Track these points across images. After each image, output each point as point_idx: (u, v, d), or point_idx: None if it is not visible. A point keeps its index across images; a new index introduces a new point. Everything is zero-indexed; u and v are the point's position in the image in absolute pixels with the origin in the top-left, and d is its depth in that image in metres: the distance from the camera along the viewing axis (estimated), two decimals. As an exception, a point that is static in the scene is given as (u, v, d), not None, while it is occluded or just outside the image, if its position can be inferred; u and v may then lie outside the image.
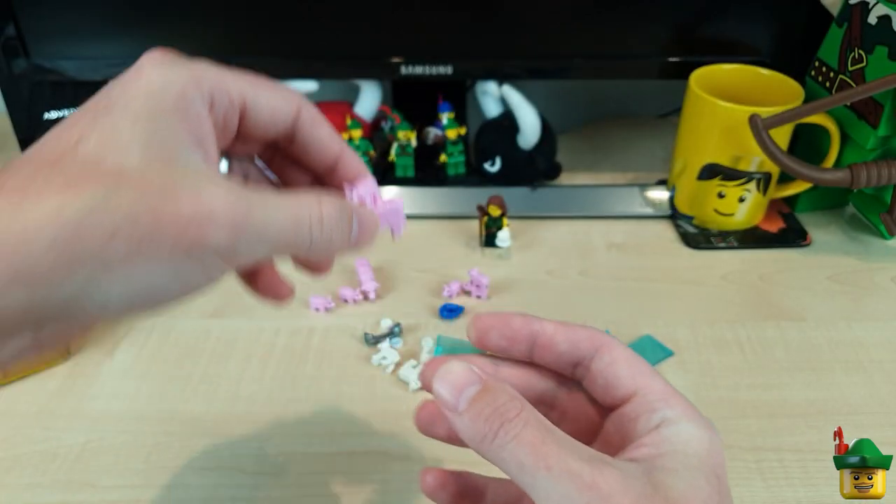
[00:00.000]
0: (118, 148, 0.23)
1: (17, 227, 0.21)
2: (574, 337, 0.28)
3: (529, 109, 0.62)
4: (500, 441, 0.24)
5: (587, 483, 0.23)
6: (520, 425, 0.24)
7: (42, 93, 0.67)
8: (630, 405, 0.27)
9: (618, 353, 0.27)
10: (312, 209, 0.27)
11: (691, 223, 0.63)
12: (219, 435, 0.44)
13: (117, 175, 0.22)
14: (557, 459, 0.23)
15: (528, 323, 0.29)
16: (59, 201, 0.21)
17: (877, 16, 0.54)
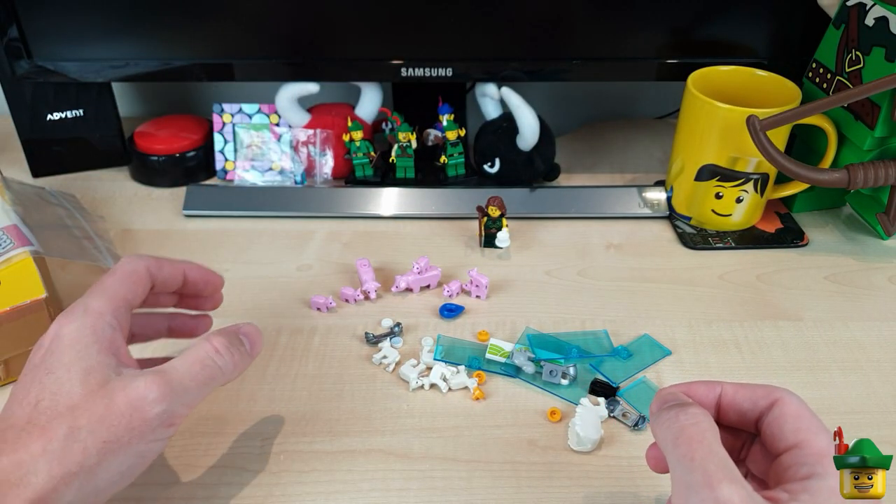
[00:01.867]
0: (65, 394, 0.34)
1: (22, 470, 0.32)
2: (753, 395, 0.33)
3: (528, 111, 0.62)
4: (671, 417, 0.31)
5: (713, 485, 0.27)
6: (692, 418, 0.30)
7: (44, 94, 0.67)
8: (787, 455, 0.30)
9: (787, 408, 0.31)
10: (207, 348, 0.37)
11: (689, 223, 0.64)
12: (220, 434, 0.44)
13: (71, 411, 0.33)
14: (702, 458, 0.29)
15: (710, 389, 0.34)
16: (42, 444, 0.32)
17: (874, 17, 0.55)
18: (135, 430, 0.34)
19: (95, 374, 0.34)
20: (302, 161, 0.68)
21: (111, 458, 0.33)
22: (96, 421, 0.33)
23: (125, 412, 0.34)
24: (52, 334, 0.36)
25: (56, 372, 0.34)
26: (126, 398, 0.34)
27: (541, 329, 0.52)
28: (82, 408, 0.33)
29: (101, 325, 0.36)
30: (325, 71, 0.65)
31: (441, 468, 0.42)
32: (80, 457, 0.33)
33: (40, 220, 0.55)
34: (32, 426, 0.33)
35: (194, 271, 0.42)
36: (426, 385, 0.48)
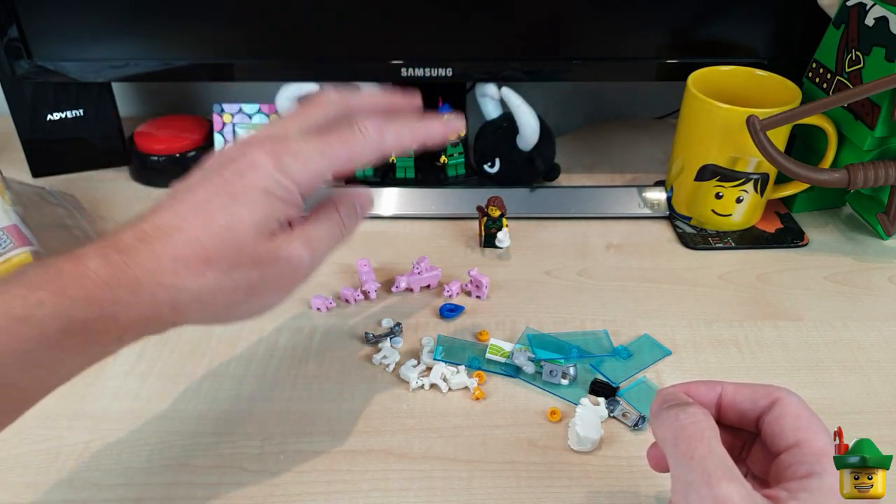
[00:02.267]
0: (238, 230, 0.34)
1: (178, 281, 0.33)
2: (753, 395, 0.33)
3: (528, 111, 0.62)
4: (671, 416, 0.31)
5: (712, 483, 0.28)
6: (692, 417, 0.31)
7: (45, 94, 0.67)
8: (787, 454, 0.31)
9: (787, 407, 0.32)
10: (336, 218, 0.41)
11: (689, 223, 0.64)
12: (221, 434, 0.44)
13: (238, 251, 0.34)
14: (702, 457, 0.29)
15: (710, 388, 0.34)
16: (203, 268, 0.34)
17: (874, 17, 0.55)
18: (280, 284, 0.37)
19: (269, 225, 0.36)
20: (302, 161, 0.68)
21: (252, 300, 0.36)
22: (255, 267, 0.35)
23: (281, 267, 0.36)
24: (250, 162, 0.36)
25: (240, 203, 0.35)
26: (287, 258, 0.36)
27: (541, 329, 0.52)
28: (247, 252, 0.35)
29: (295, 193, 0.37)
30: (325, 71, 0.65)
31: (441, 468, 0.42)
32: (229, 294, 0.35)
33: (40, 220, 0.55)
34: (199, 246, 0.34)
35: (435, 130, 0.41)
36: (426, 385, 0.48)
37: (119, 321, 0.32)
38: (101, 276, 0.32)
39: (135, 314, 0.33)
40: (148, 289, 0.33)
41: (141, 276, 0.32)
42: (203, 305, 0.34)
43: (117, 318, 0.32)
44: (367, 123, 0.38)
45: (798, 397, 0.32)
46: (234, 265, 0.34)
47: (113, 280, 0.32)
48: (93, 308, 0.31)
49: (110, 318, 0.32)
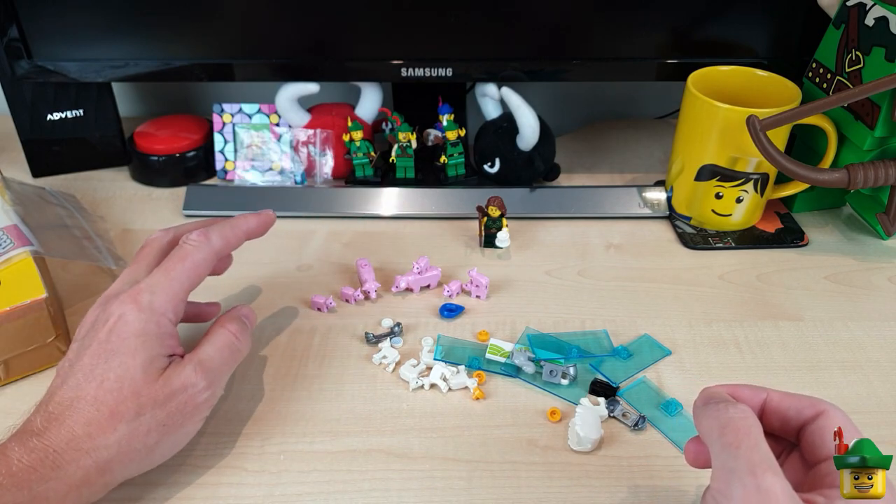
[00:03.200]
0: (129, 379, 0.38)
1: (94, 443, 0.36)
2: (798, 404, 0.34)
3: (528, 111, 0.62)
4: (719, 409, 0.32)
5: (757, 473, 0.28)
6: (741, 412, 0.31)
7: (45, 94, 0.67)
8: (826, 463, 0.31)
9: (832, 420, 0.32)
10: (228, 335, 0.43)
11: (689, 223, 0.64)
12: (221, 433, 0.44)
13: (136, 396, 0.37)
14: (748, 448, 0.29)
15: (756, 393, 0.35)
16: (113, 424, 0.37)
17: (874, 17, 0.55)
18: (187, 413, 0.39)
19: (155, 364, 0.39)
20: (302, 161, 0.68)
21: (167, 438, 0.39)
22: (158, 406, 0.38)
23: (181, 398, 0.39)
24: (117, 315, 0.39)
25: (120, 355, 0.38)
26: (181, 386, 0.39)
27: (541, 329, 0.52)
28: (145, 394, 0.38)
29: (164, 321, 0.40)
30: (325, 71, 0.65)
31: (441, 468, 0.42)
32: (144, 438, 0.37)
33: (40, 220, 0.55)
34: (101, 404, 0.37)
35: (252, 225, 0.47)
36: (426, 385, 0.48)
37: (50, 499, 0.34)
38: (24, 461, 0.34)
39: (64, 486, 0.35)
40: (70, 459, 0.35)
41: (60, 451, 0.35)
42: (125, 456, 0.37)
43: (48, 495, 0.34)
44: (191, 236, 0.43)
45: (843, 412, 0.33)
46: (138, 411, 0.37)
47: (36, 462, 0.34)
48: (23, 492, 0.34)
49: (41, 498, 0.34)
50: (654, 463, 0.43)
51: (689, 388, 0.48)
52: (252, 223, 0.47)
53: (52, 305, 0.47)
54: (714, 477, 0.31)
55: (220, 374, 0.42)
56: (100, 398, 0.37)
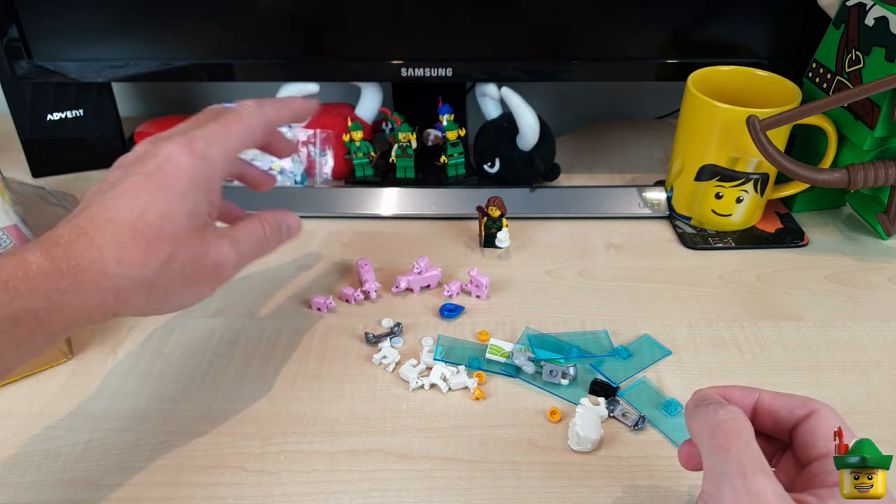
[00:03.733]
0: (172, 220, 0.36)
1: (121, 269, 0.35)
2: (790, 404, 0.33)
3: (528, 111, 0.62)
4: (709, 411, 0.31)
5: (747, 475, 0.28)
6: (731, 413, 0.31)
7: (45, 94, 0.67)
8: (818, 463, 0.31)
9: (824, 419, 0.32)
10: (262, 231, 0.43)
11: (689, 223, 0.64)
12: (221, 434, 0.44)
13: (174, 240, 0.36)
14: (738, 450, 0.29)
15: (748, 394, 0.34)
16: (144, 257, 0.35)
17: (874, 17, 0.55)
18: (209, 280, 0.39)
19: (199, 218, 0.38)
20: (302, 161, 0.68)
21: (185, 290, 0.38)
22: (189, 261, 0.37)
23: (210, 265, 0.38)
24: (168, 153, 0.37)
25: (169, 193, 0.36)
26: (216, 254, 0.39)
27: (541, 329, 0.52)
28: (183, 243, 0.37)
29: (214, 176, 0.39)
30: (325, 71, 0.65)
31: (441, 468, 0.42)
32: (167, 282, 0.37)
33: (40, 220, 0.55)
34: (138, 234, 0.35)
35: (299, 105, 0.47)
36: (426, 385, 0.48)
37: (64, 311, 0.33)
38: (43, 268, 0.33)
39: (80, 302, 0.34)
40: (91, 278, 0.34)
41: (84, 266, 0.34)
42: (145, 293, 0.36)
43: (62, 307, 0.33)
44: (246, 102, 0.42)
45: (835, 411, 0.33)
46: (172, 255, 0.36)
47: (56, 271, 0.33)
48: (38, 298, 0.32)
49: (56, 308, 0.33)
50: (654, 463, 0.43)
51: (689, 388, 0.48)
52: (300, 105, 0.47)
53: (52, 305, 0.47)
54: (705, 480, 0.31)
55: (245, 261, 0.41)
56: (139, 228, 0.35)
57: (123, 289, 0.35)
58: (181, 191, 0.37)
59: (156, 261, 0.36)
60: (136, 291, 0.36)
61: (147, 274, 0.35)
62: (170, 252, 0.36)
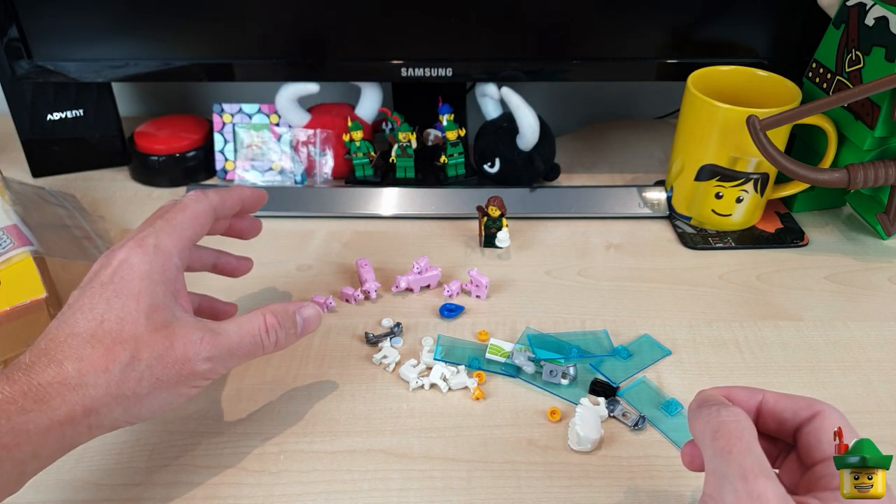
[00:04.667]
0: (131, 322, 0.36)
1: (83, 379, 0.34)
2: (794, 405, 0.33)
3: (528, 111, 0.62)
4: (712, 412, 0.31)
5: (749, 478, 0.28)
6: (733, 415, 0.31)
7: (45, 94, 0.67)
8: (822, 465, 0.31)
9: (828, 421, 0.32)
10: (259, 324, 0.40)
11: (689, 223, 0.64)
12: (221, 433, 0.45)
13: (135, 341, 0.36)
14: (740, 452, 0.29)
15: (751, 395, 0.34)
16: (105, 363, 0.35)
17: (874, 17, 0.55)
18: (182, 376, 0.37)
19: (160, 313, 0.37)
20: (302, 161, 0.68)
21: (158, 392, 0.36)
22: (155, 358, 0.36)
23: (179, 359, 0.37)
24: (121, 259, 0.38)
25: (123, 297, 0.37)
26: (183, 347, 0.37)
27: (541, 329, 0.52)
28: (145, 342, 0.36)
29: (170, 265, 0.39)
30: (325, 71, 0.65)
31: (441, 468, 0.42)
32: (135, 385, 0.36)
33: (40, 220, 0.55)
34: (97, 342, 0.35)
35: (247, 193, 0.47)
36: (426, 385, 0.48)
37: (31, 433, 0.33)
38: (5, 392, 0.33)
39: (46, 421, 0.33)
40: (55, 393, 0.34)
41: (45, 384, 0.34)
42: (113, 399, 0.35)
43: (28, 428, 0.33)
44: (191, 194, 0.43)
45: (839, 413, 0.32)
46: (135, 355, 0.36)
47: (18, 394, 0.33)
48: (0, 422, 0.32)
49: (21, 431, 0.32)
50: (654, 463, 0.43)
51: (689, 388, 0.48)
52: (247, 192, 0.47)
53: (52, 305, 0.47)
54: (707, 482, 0.31)
55: (231, 356, 0.39)
56: (98, 336, 0.35)
57: (91, 398, 0.34)
58: (136, 290, 0.37)
59: (117, 364, 0.35)
60: (104, 400, 0.35)
61: (111, 379, 0.35)
62: (132, 352, 0.36)
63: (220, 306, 0.49)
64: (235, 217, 0.49)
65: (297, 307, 0.42)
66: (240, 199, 0.46)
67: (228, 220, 0.48)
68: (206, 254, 0.48)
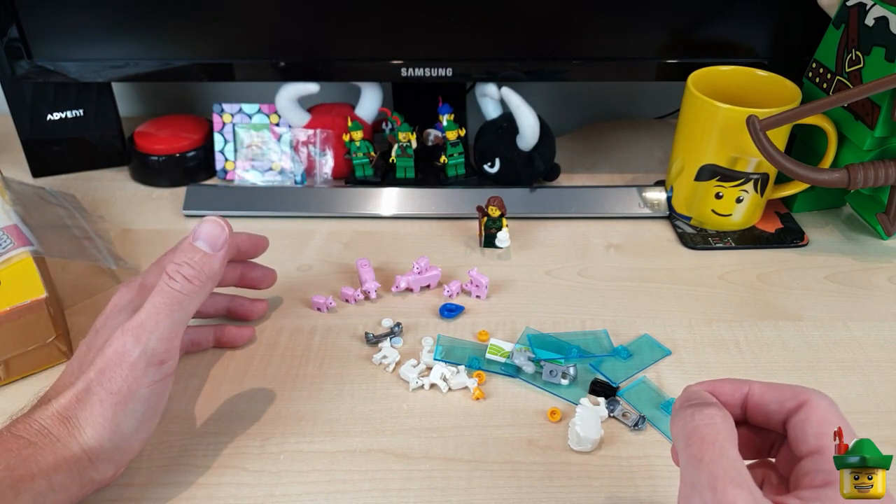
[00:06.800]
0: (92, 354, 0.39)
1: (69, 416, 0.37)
2: (780, 396, 0.31)
3: (528, 111, 0.62)
4: (686, 416, 0.30)
5: (717, 487, 0.27)
6: (707, 418, 0.30)
7: (45, 94, 0.67)
8: (808, 460, 0.29)
9: (814, 412, 0.30)
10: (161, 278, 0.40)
11: (689, 223, 0.64)
12: (221, 433, 0.44)
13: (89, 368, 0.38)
14: (711, 459, 0.28)
15: (737, 387, 0.33)
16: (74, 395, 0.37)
17: (874, 17, 0.55)
18: (127, 377, 0.37)
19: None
20: (302, 161, 0.68)
21: (122, 407, 0.37)
22: (99, 374, 0.38)
23: (115, 362, 0.38)
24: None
25: (101, 333, 0.40)
26: (112, 350, 0.38)
27: (541, 329, 0.52)
28: (92, 365, 0.38)
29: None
30: (325, 71, 0.65)
31: (441, 468, 0.42)
32: (99, 408, 0.37)
33: (40, 220, 0.55)
34: (73, 377, 0.39)
35: (242, 239, 0.49)
36: (426, 385, 0.48)
37: (39, 462, 0.35)
38: (5, 436, 0.36)
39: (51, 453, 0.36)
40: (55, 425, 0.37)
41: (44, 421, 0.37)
42: None
43: (36, 458, 0.35)
44: None
45: (828, 401, 0.31)
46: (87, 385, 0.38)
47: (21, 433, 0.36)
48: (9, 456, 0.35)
49: (30, 460, 0.35)
50: (654, 463, 0.43)
51: (689, 388, 0.48)
52: (242, 238, 0.49)
53: (52, 305, 0.47)
54: (680, 491, 0.30)
55: (155, 325, 0.38)
56: (73, 373, 0.39)
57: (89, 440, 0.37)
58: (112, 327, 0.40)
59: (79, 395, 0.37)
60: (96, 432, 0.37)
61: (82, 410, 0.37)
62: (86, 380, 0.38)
63: (247, 304, 0.52)
64: (246, 266, 0.51)
65: (187, 238, 0.41)
66: (234, 246, 0.47)
67: (238, 268, 0.50)
68: (219, 300, 0.52)
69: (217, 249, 0.41)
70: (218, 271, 0.41)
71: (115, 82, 0.70)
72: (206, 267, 0.41)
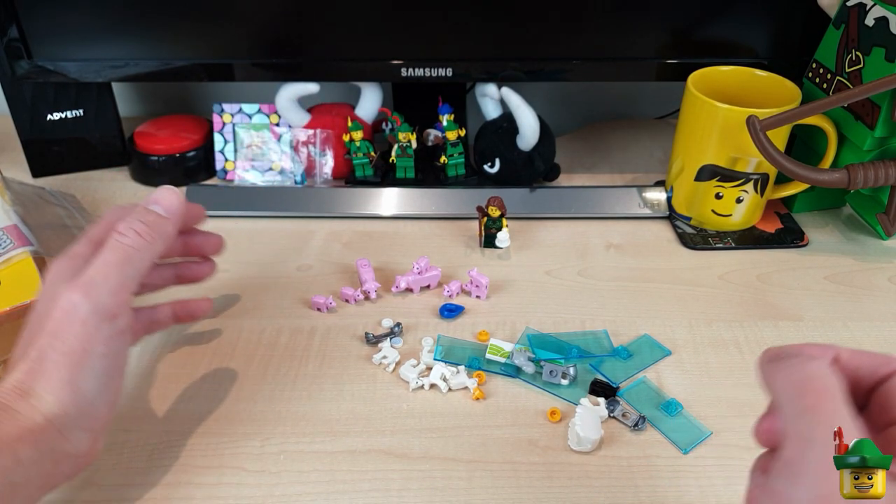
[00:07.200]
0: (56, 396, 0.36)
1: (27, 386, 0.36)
2: (872, 362, 0.30)
3: (528, 111, 0.62)
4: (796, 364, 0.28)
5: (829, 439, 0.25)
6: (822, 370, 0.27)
7: (45, 94, 0.67)
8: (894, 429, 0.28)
9: None
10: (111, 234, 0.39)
11: (689, 223, 0.64)
12: (221, 434, 0.44)
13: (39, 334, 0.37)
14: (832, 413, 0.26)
15: (825, 351, 0.30)
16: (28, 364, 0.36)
17: (874, 17, 0.55)
18: (79, 334, 0.36)
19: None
20: (302, 161, 0.68)
21: (80, 367, 0.36)
22: (51, 337, 0.36)
23: (65, 322, 0.36)
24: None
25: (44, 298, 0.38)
26: (61, 309, 0.37)
27: (541, 329, 0.52)
28: (42, 330, 0.37)
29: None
30: (326, 71, 0.65)
31: (441, 468, 0.42)
32: (55, 373, 0.36)
33: (40, 220, 0.55)
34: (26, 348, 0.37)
35: None
36: (426, 385, 0.48)
37: (1, 436, 0.34)
38: None
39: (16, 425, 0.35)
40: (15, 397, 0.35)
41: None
42: None
43: None
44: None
45: None
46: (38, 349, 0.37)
47: None
48: None
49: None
50: (654, 463, 0.43)
51: (689, 388, 0.48)
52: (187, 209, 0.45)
53: (52, 305, 0.47)
54: (785, 445, 0.27)
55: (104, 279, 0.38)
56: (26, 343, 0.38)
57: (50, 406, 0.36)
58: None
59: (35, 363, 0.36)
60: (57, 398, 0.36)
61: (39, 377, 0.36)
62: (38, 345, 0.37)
63: (195, 268, 0.49)
64: (188, 234, 0.48)
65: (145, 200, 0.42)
66: None
67: (181, 238, 0.47)
68: (165, 269, 0.48)
69: (172, 214, 0.42)
70: (171, 233, 0.41)
71: (115, 82, 0.70)
72: (159, 227, 0.40)
